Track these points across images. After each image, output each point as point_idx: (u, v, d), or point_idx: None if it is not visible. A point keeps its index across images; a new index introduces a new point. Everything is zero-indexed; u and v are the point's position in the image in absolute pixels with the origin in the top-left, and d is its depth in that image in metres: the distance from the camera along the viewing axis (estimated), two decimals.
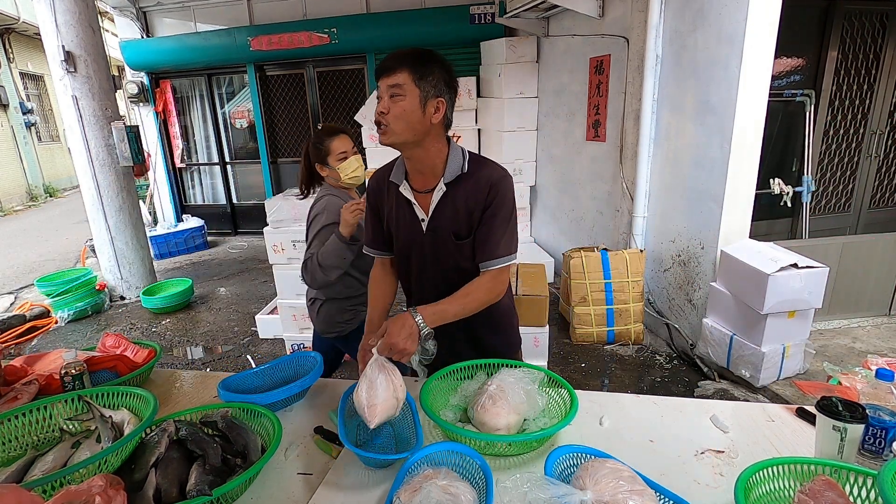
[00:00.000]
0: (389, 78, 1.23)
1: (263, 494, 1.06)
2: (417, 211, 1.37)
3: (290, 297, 3.38)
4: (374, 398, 1.14)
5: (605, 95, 4.04)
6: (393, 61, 1.24)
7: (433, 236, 1.37)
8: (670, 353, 3.47)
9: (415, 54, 1.25)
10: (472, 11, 5.57)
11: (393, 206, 1.41)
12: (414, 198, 1.36)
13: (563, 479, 0.98)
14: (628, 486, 0.89)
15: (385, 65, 1.24)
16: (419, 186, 1.37)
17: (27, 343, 4.17)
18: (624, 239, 3.85)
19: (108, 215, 4.66)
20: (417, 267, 1.44)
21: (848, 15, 3.50)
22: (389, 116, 1.24)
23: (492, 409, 1.16)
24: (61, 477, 0.92)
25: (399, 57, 1.24)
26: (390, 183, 1.39)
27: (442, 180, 1.33)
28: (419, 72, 1.23)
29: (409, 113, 1.24)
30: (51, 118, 12.49)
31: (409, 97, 1.23)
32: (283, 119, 6.97)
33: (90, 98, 4.38)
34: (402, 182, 1.37)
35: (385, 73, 1.24)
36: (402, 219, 1.40)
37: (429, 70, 1.24)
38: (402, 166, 1.39)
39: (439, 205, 1.34)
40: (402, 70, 1.22)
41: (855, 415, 0.98)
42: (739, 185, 2.94)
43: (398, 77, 1.23)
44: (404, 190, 1.36)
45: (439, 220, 1.35)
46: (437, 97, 1.25)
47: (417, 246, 1.40)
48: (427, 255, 1.40)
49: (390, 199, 1.41)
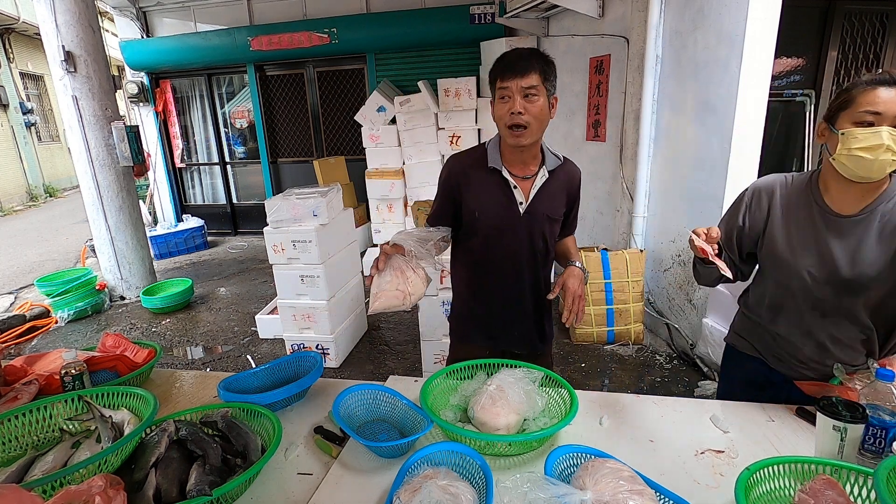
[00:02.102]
0: (524, 79, 1.31)
1: (263, 494, 1.06)
2: (517, 194, 1.46)
3: (290, 297, 3.38)
4: (379, 287, 1.22)
5: (605, 95, 4.04)
6: (524, 62, 1.31)
7: (529, 218, 1.48)
8: (670, 353, 3.47)
9: (539, 55, 1.35)
10: (472, 11, 5.57)
11: (482, 189, 1.48)
12: (514, 181, 1.46)
13: (563, 479, 0.98)
14: (628, 486, 0.89)
15: (517, 67, 1.31)
16: (519, 173, 1.47)
17: (27, 343, 4.17)
18: (624, 239, 3.85)
19: (108, 215, 4.66)
20: (508, 243, 1.51)
21: (848, 15, 3.50)
22: (528, 117, 1.33)
23: (492, 409, 1.16)
24: (61, 477, 0.92)
25: (527, 58, 1.32)
26: (488, 168, 1.46)
27: (545, 167, 1.46)
28: (546, 72, 1.33)
29: (543, 112, 1.35)
30: (51, 118, 12.49)
31: (541, 97, 1.33)
32: (283, 119, 6.97)
33: (90, 98, 4.38)
34: (502, 167, 1.45)
35: (518, 74, 1.31)
36: (496, 201, 1.47)
37: (552, 69, 1.35)
38: (497, 153, 1.47)
39: (541, 189, 1.47)
40: (535, 71, 1.31)
41: (855, 415, 0.98)
42: (739, 185, 2.92)
43: (532, 78, 1.31)
44: (507, 174, 1.45)
45: (537, 203, 1.47)
46: (553, 95, 1.38)
47: (511, 226, 1.48)
48: (522, 234, 1.49)
49: (478, 183, 1.48)
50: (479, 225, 1.50)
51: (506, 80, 1.33)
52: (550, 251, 1.57)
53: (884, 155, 1.06)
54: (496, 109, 1.39)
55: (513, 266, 1.53)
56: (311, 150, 7.00)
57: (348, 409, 1.28)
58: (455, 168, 1.53)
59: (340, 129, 6.83)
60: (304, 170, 6.92)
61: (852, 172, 1.12)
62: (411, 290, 1.24)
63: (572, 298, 1.41)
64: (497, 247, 1.51)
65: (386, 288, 1.22)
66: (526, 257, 1.52)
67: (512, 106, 1.33)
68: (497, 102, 1.38)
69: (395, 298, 1.22)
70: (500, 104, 1.37)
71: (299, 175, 6.99)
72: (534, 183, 1.47)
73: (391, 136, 5.68)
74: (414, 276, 1.25)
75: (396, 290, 1.22)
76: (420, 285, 1.26)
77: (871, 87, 1.08)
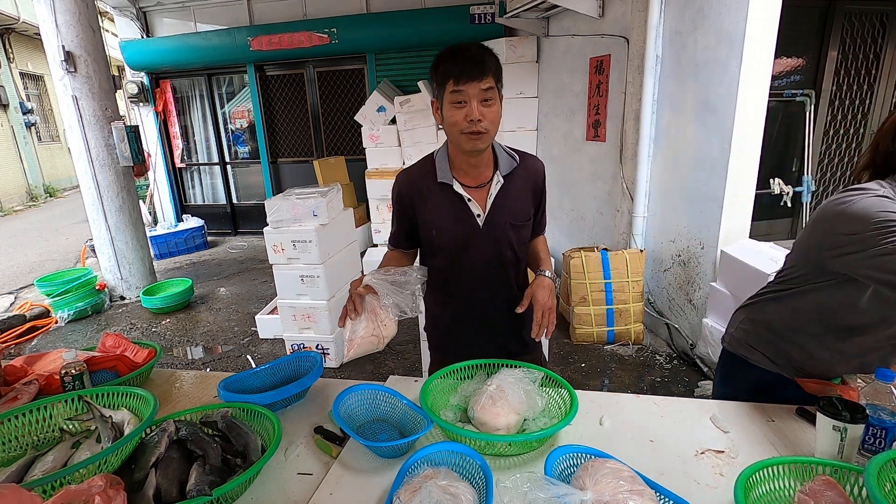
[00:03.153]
0: (482, 82, 1.20)
1: (263, 494, 1.06)
2: (473, 207, 1.36)
3: (290, 297, 3.38)
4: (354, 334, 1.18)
5: (605, 95, 4.04)
6: (479, 65, 1.20)
7: (490, 229, 1.38)
8: (670, 353, 3.47)
9: (489, 52, 1.23)
10: (472, 11, 5.57)
11: (436, 207, 1.38)
12: (468, 194, 1.36)
13: (563, 479, 0.98)
14: (628, 486, 0.89)
15: (474, 69, 1.20)
16: (471, 182, 1.37)
17: (27, 343, 4.17)
18: (624, 239, 3.85)
19: (108, 215, 4.66)
20: (473, 259, 1.41)
21: (848, 15, 3.50)
22: (487, 122, 1.23)
23: (492, 410, 1.16)
24: (61, 477, 0.92)
25: (481, 57, 1.21)
26: (438, 184, 1.36)
27: (498, 173, 1.36)
28: (497, 71, 1.24)
29: (499, 115, 1.27)
30: (51, 118, 12.49)
31: (496, 100, 1.25)
32: (283, 119, 6.97)
33: (90, 98, 4.38)
34: (453, 181, 1.36)
35: (474, 78, 1.20)
36: (452, 218, 1.38)
37: (500, 69, 1.26)
38: (446, 165, 1.37)
39: (498, 197, 1.37)
40: (490, 72, 1.21)
41: (855, 415, 0.98)
42: (739, 185, 2.94)
43: (489, 80, 1.21)
44: (458, 188, 1.35)
45: (496, 212, 1.37)
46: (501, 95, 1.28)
47: (473, 239, 1.39)
48: (485, 247, 1.40)
49: (430, 200, 1.38)
50: (439, 243, 1.41)
51: (461, 83, 1.20)
52: (521, 258, 1.47)
53: None
54: (450, 115, 1.24)
55: (481, 280, 1.44)
56: (311, 150, 7.00)
57: (348, 409, 1.27)
58: (405, 186, 1.42)
59: (340, 129, 6.83)
60: (304, 170, 6.92)
61: None
62: (385, 334, 1.19)
63: (542, 311, 1.31)
64: (461, 264, 1.42)
65: (361, 334, 1.17)
66: (493, 270, 1.43)
67: (470, 112, 1.21)
68: (449, 107, 1.24)
69: (370, 344, 1.17)
70: (454, 109, 1.23)
71: (299, 175, 7.00)
72: (489, 192, 1.36)
73: (391, 136, 5.68)
74: (386, 316, 1.19)
75: (372, 336, 1.17)
76: (393, 326, 1.21)
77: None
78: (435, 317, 1.59)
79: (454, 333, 1.54)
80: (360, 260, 4.06)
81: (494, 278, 1.44)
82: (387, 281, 1.22)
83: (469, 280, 1.44)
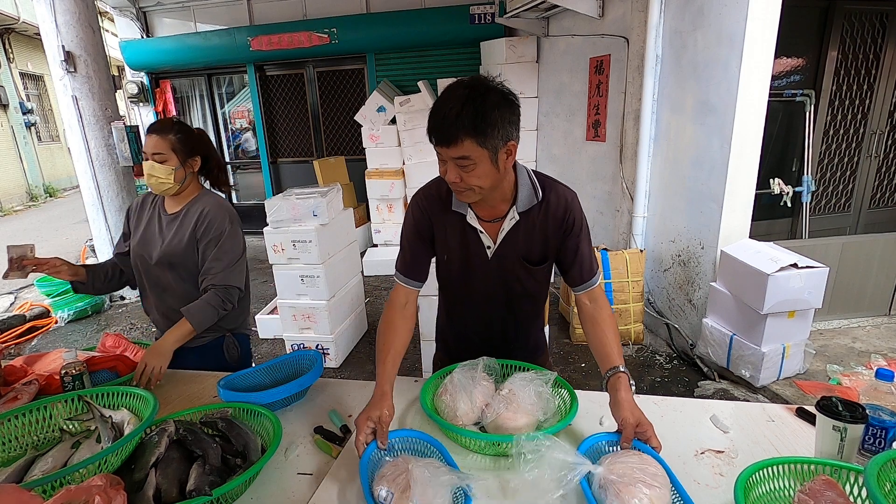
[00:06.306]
0: (451, 150, 1.08)
1: (263, 494, 1.06)
2: (484, 239, 1.30)
3: (290, 297, 3.38)
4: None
5: (605, 95, 4.04)
6: (450, 130, 1.06)
7: (499, 262, 1.31)
8: (670, 353, 3.47)
9: (472, 110, 1.05)
10: (472, 11, 5.57)
11: (449, 233, 1.32)
12: (481, 226, 1.28)
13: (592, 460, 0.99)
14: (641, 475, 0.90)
15: (442, 134, 1.08)
16: (486, 215, 1.29)
17: (27, 343, 4.17)
18: (624, 239, 3.85)
19: (108, 215, 4.66)
20: (480, 288, 1.37)
21: (848, 15, 3.50)
22: (466, 184, 1.13)
23: (505, 414, 1.16)
24: (61, 477, 0.92)
25: (453, 122, 1.06)
26: (452, 212, 1.29)
27: (514, 209, 1.25)
28: (481, 133, 1.06)
29: (485, 177, 1.12)
30: (51, 118, 12.49)
31: (479, 163, 1.10)
32: (283, 119, 6.97)
33: (90, 98, 4.37)
34: (467, 212, 1.27)
35: (444, 144, 1.08)
36: (463, 244, 1.31)
37: (490, 123, 1.06)
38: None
39: (510, 232, 1.28)
40: (465, 138, 1.06)
41: (855, 415, 0.98)
42: (739, 185, 2.94)
43: (462, 148, 1.07)
44: (471, 220, 1.28)
45: (507, 247, 1.29)
46: (506, 143, 1.11)
47: (481, 270, 1.33)
48: (493, 278, 1.34)
49: (444, 225, 1.32)
50: (449, 267, 1.38)
51: (436, 143, 1.11)
52: (536, 293, 1.40)
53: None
54: (439, 165, 1.17)
55: (488, 307, 1.40)
56: (311, 150, 7.00)
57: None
58: (421, 206, 1.33)
59: (340, 129, 6.83)
60: (304, 170, 6.92)
61: None
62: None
63: (647, 434, 1.06)
64: (469, 289, 1.39)
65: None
66: (501, 300, 1.38)
67: (446, 173, 1.14)
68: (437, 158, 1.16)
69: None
70: (440, 161, 1.15)
71: (299, 175, 6.99)
72: (501, 227, 1.28)
73: (391, 136, 5.68)
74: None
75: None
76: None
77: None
78: (444, 322, 1.58)
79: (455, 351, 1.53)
80: (360, 260, 4.06)
81: (500, 308, 1.40)
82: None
83: (476, 305, 1.42)
